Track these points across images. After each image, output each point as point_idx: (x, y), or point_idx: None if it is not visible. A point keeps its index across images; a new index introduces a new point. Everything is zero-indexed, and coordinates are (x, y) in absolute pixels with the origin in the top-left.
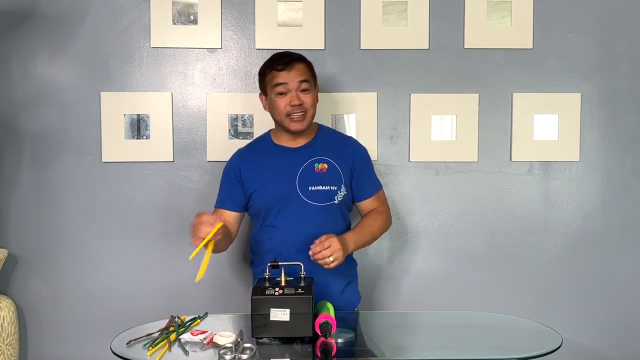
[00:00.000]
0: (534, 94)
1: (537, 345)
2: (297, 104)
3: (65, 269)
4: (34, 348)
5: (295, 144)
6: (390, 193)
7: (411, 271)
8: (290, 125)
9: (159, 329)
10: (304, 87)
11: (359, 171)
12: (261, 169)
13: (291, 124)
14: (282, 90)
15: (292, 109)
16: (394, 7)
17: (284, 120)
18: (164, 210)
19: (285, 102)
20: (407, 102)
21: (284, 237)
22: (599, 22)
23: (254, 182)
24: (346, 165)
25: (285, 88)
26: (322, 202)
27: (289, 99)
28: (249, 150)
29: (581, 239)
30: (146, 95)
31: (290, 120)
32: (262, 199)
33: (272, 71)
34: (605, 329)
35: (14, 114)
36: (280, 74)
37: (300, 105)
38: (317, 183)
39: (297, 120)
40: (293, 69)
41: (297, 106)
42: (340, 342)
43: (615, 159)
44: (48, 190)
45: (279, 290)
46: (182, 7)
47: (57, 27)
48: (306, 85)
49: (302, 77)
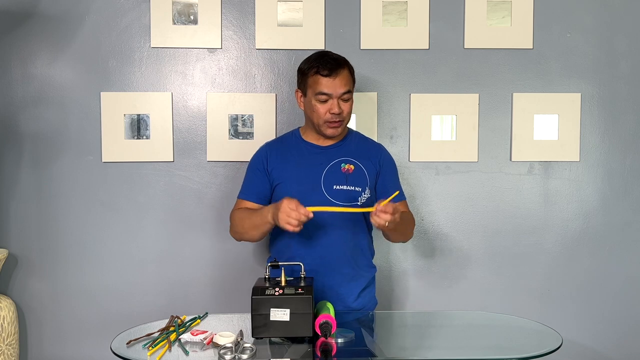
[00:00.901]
0: (534, 94)
1: (537, 345)
2: (337, 112)
3: (65, 269)
4: (34, 348)
5: (324, 143)
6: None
7: (411, 271)
8: (326, 131)
9: (159, 329)
10: (345, 97)
11: (384, 176)
12: (288, 163)
13: (328, 129)
14: (324, 98)
15: (332, 116)
16: (394, 7)
17: (321, 126)
18: (164, 211)
19: (326, 109)
20: (407, 102)
21: (305, 234)
22: (599, 22)
23: (279, 175)
24: (373, 168)
25: (328, 96)
26: (345, 202)
27: (329, 107)
28: (278, 144)
29: (581, 239)
30: (146, 95)
31: (327, 126)
32: (286, 193)
33: (317, 75)
34: (605, 329)
35: (14, 114)
36: (325, 81)
37: (339, 114)
38: (342, 183)
39: (334, 127)
40: (338, 77)
41: (337, 115)
42: (340, 342)
43: (615, 159)
44: (48, 190)
45: (279, 290)
46: (182, 7)
47: (57, 27)
48: (348, 95)
49: (345, 88)
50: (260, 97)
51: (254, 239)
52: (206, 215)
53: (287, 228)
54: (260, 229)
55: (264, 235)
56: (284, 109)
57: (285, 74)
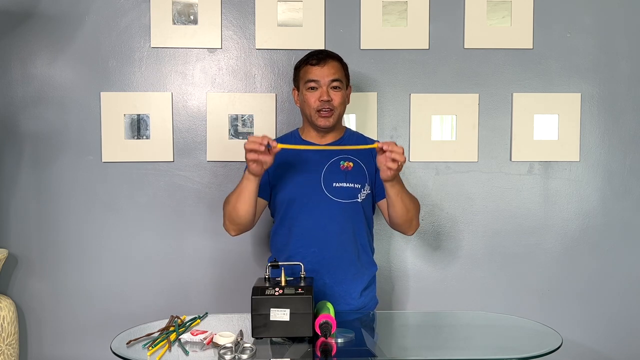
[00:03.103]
0: (534, 94)
1: (537, 345)
2: (325, 100)
3: (65, 269)
4: (34, 348)
5: (323, 141)
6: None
7: (411, 271)
8: (317, 121)
9: (159, 329)
10: (334, 85)
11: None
12: (287, 162)
13: (319, 119)
14: (313, 86)
15: (321, 104)
16: (394, 7)
17: (313, 116)
18: (164, 211)
19: (315, 97)
20: (407, 102)
21: (305, 232)
22: (599, 22)
23: (279, 173)
24: (371, 165)
25: (316, 84)
26: (345, 199)
27: (318, 94)
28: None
29: (581, 239)
30: (146, 95)
31: (318, 115)
32: (286, 191)
33: (306, 65)
34: (605, 328)
35: (14, 114)
36: (313, 69)
37: (328, 102)
38: (341, 180)
39: (324, 116)
40: (326, 66)
41: (326, 102)
42: (340, 342)
43: (615, 159)
44: (48, 190)
45: (279, 290)
46: (182, 7)
47: (57, 27)
48: (337, 83)
49: (334, 76)
50: (260, 97)
51: (243, 214)
52: (206, 216)
53: (248, 158)
54: (242, 194)
55: (251, 206)
56: (284, 109)
57: (285, 74)
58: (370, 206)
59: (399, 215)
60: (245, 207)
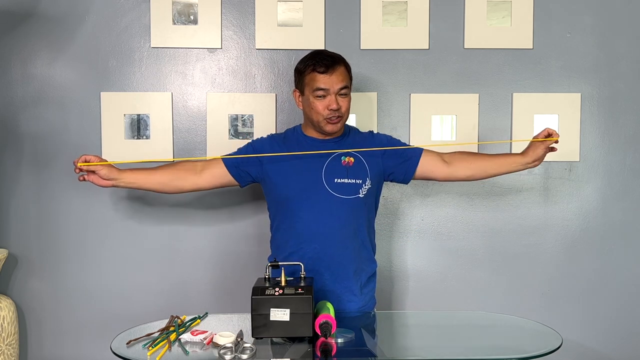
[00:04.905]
0: (534, 94)
1: (537, 345)
2: (335, 108)
3: (65, 269)
4: (34, 348)
5: (324, 137)
6: (390, 193)
7: (411, 271)
8: (326, 127)
9: (159, 329)
10: (342, 92)
11: (395, 151)
12: (287, 158)
13: (327, 126)
14: (321, 94)
15: (330, 112)
16: (394, 7)
17: (321, 122)
18: (164, 210)
19: (324, 106)
20: (407, 102)
21: (307, 228)
22: (599, 22)
23: (280, 169)
24: (375, 157)
25: (325, 92)
26: (347, 195)
27: (327, 103)
28: (280, 137)
29: (581, 239)
30: (146, 95)
31: (326, 122)
32: (287, 187)
33: (313, 72)
34: (605, 328)
35: (14, 114)
36: (322, 77)
37: (338, 110)
38: (342, 176)
39: (333, 123)
40: (334, 73)
41: (335, 110)
42: (340, 342)
43: (615, 159)
44: (48, 190)
45: (279, 290)
46: (182, 7)
47: (57, 27)
48: (345, 90)
49: (342, 83)
50: (260, 97)
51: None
52: (206, 216)
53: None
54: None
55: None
56: (283, 109)
57: (285, 74)
58: (372, 201)
59: (489, 175)
60: (155, 188)
